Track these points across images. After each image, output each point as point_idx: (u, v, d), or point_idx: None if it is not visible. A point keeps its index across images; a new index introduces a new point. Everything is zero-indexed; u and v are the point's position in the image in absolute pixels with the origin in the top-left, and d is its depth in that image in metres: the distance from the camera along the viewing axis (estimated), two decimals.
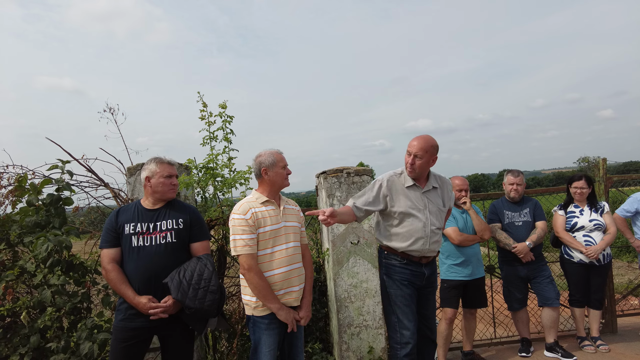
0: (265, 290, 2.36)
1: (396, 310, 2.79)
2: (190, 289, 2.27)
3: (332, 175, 3.56)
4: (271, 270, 2.43)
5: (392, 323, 2.83)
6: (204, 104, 3.54)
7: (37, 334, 2.82)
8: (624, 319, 4.66)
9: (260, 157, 2.56)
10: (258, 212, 2.45)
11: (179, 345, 2.47)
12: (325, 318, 3.87)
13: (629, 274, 8.14)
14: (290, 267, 2.48)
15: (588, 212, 3.92)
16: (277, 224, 2.49)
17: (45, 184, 3.07)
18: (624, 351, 3.87)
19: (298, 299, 2.53)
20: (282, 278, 2.45)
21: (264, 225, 2.44)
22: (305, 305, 2.55)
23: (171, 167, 2.54)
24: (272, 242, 2.46)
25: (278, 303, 2.40)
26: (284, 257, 2.47)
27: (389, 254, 2.87)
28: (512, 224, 3.86)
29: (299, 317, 2.49)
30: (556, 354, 3.80)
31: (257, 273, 2.37)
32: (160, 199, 2.52)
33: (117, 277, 2.35)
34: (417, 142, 2.72)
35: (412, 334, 2.75)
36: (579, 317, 4.04)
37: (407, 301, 2.79)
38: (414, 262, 2.81)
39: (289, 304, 2.47)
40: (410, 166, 2.74)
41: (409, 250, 2.78)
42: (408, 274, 2.81)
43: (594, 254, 3.76)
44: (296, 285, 2.51)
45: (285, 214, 2.58)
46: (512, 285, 3.91)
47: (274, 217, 2.49)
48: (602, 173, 4.49)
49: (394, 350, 2.81)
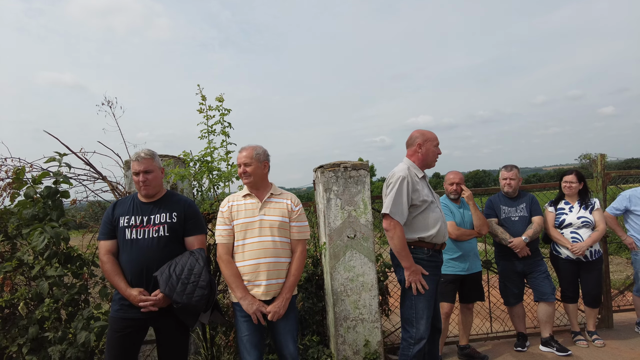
0: (230, 279, 2.50)
1: (417, 305, 2.77)
2: (179, 283, 2.28)
3: (330, 170, 3.56)
4: (242, 261, 2.51)
5: (410, 318, 2.80)
6: (203, 97, 3.54)
7: (36, 325, 2.85)
8: (620, 315, 4.67)
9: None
10: (234, 205, 2.60)
11: (173, 337, 2.49)
12: (322, 311, 3.90)
13: (627, 270, 8.15)
14: (258, 260, 2.48)
15: (577, 208, 3.93)
16: (251, 217, 2.55)
17: (43, 177, 3.08)
18: (619, 346, 3.88)
19: (267, 293, 2.49)
20: (249, 270, 2.48)
21: (237, 217, 2.56)
22: (278, 301, 2.51)
23: (138, 164, 2.47)
24: (243, 234, 2.53)
25: (242, 292, 2.46)
26: (254, 250, 2.50)
27: (416, 249, 2.83)
28: (508, 219, 3.86)
29: (266, 310, 2.47)
30: (551, 349, 3.82)
31: (224, 261, 2.52)
32: (145, 196, 2.53)
33: (112, 268, 2.38)
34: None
35: (426, 329, 2.76)
36: (572, 312, 4.05)
37: (431, 296, 2.80)
38: (436, 250, 2.86)
39: (258, 297, 2.48)
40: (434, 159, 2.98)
41: (435, 238, 2.81)
42: (433, 267, 2.83)
43: (579, 250, 3.77)
44: (265, 279, 2.48)
45: (266, 208, 2.59)
46: (508, 280, 3.92)
47: (249, 210, 2.57)
48: (601, 169, 4.48)
49: (406, 345, 2.79)
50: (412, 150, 2.95)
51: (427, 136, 2.93)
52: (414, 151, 2.94)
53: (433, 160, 2.94)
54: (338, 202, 3.55)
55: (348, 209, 3.56)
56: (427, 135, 2.94)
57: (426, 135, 2.93)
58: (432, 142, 2.92)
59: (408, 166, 2.89)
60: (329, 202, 3.54)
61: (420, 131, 2.97)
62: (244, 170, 2.58)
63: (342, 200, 3.56)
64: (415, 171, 2.87)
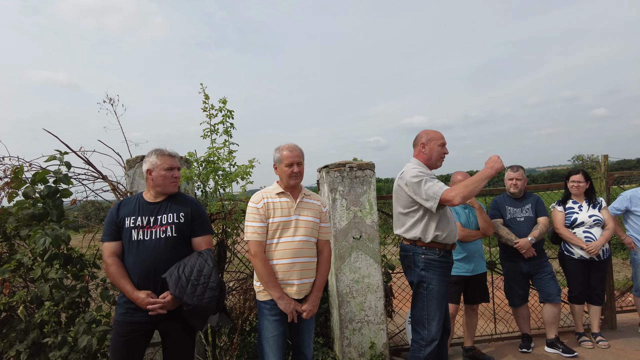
0: (267, 277, 2.43)
1: (430, 307, 2.74)
2: (189, 285, 2.22)
3: (335, 170, 3.52)
4: (274, 260, 2.47)
5: (421, 320, 2.77)
6: (206, 96, 3.48)
7: (36, 329, 2.77)
8: (623, 315, 4.67)
9: (275, 151, 2.62)
10: (270, 202, 2.52)
11: (180, 340, 2.43)
12: (326, 313, 3.85)
13: (624, 270, 8.19)
14: (293, 260, 2.47)
15: (587, 207, 3.91)
16: (287, 216, 2.50)
17: (43, 175, 3.00)
18: (624, 347, 3.87)
19: (300, 292, 2.51)
20: (283, 269, 2.46)
21: (274, 216, 2.49)
22: (311, 299, 2.54)
23: (172, 159, 2.47)
24: (279, 232, 2.49)
25: (279, 292, 2.43)
26: (288, 250, 2.47)
27: (428, 249, 2.80)
28: (514, 220, 3.84)
29: (301, 309, 2.49)
30: (557, 350, 3.80)
31: (261, 259, 2.44)
32: (161, 192, 2.46)
33: (117, 271, 2.31)
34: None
35: (438, 331, 2.74)
36: (578, 313, 4.04)
37: (443, 297, 2.78)
38: (447, 251, 2.84)
39: (290, 296, 2.48)
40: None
41: (447, 238, 2.79)
42: (445, 268, 2.82)
43: (595, 249, 3.75)
44: (298, 278, 2.48)
45: (301, 208, 2.57)
46: (513, 281, 3.90)
47: (285, 209, 2.52)
48: (604, 170, 4.48)
49: (417, 347, 2.76)
50: (417, 150, 2.93)
51: (430, 135, 2.90)
52: (418, 151, 2.92)
53: (438, 159, 2.90)
54: (344, 203, 3.50)
55: (354, 210, 3.52)
56: (431, 134, 2.90)
57: (430, 135, 2.90)
58: (436, 141, 2.88)
59: (415, 165, 2.86)
60: (335, 203, 3.49)
61: (425, 131, 2.95)
62: (299, 170, 2.54)
63: (347, 200, 3.51)
64: (425, 170, 2.84)
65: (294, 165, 2.53)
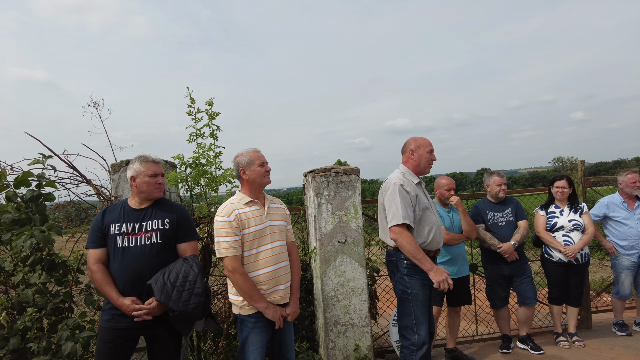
0: (251, 291, 2.38)
1: (416, 311, 2.78)
2: (175, 291, 2.22)
3: (321, 174, 3.56)
4: (257, 270, 2.44)
5: (409, 325, 2.80)
6: (192, 100, 3.48)
7: (17, 336, 2.73)
8: (598, 315, 4.84)
9: (237, 158, 2.57)
10: (242, 213, 2.44)
11: (165, 346, 2.43)
12: (311, 317, 3.88)
13: (601, 271, 8.43)
14: (276, 266, 2.49)
15: (567, 212, 4.04)
16: (261, 224, 2.48)
17: (25, 177, 2.95)
18: (599, 346, 4.02)
19: (285, 296, 2.54)
20: (268, 277, 2.46)
21: (248, 226, 2.44)
22: (293, 301, 2.57)
23: (156, 166, 2.47)
24: (257, 242, 2.46)
25: (264, 302, 2.41)
26: (269, 257, 2.48)
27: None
28: (495, 224, 3.94)
29: (286, 313, 2.50)
30: (526, 346, 4.04)
31: (242, 274, 2.38)
32: (146, 199, 2.46)
33: (102, 277, 2.30)
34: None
35: (427, 334, 2.78)
36: (556, 314, 4.18)
37: (427, 301, 2.82)
38: (431, 257, 2.85)
39: (275, 302, 2.48)
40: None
41: (429, 245, 2.83)
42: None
43: (572, 253, 3.88)
44: (283, 283, 2.52)
45: (270, 213, 2.57)
46: (495, 284, 4.01)
47: (258, 218, 2.49)
48: (580, 175, 4.63)
49: (408, 353, 2.78)
50: (406, 156, 2.98)
51: (419, 142, 2.96)
52: (407, 157, 2.97)
53: (426, 166, 2.97)
54: (329, 207, 3.55)
55: (339, 214, 3.56)
56: (419, 141, 2.97)
57: (419, 142, 2.97)
58: (424, 148, 2.95)
59: (403, 172, 2.92)
60: (320, 207, 3.53)
61: (413, 138, 3.01)
62: (269, 168, 2.57)
63: (333, 205, 3.55)
64: (411, 177, 2.90)
65: (266, 164, 2.56)
